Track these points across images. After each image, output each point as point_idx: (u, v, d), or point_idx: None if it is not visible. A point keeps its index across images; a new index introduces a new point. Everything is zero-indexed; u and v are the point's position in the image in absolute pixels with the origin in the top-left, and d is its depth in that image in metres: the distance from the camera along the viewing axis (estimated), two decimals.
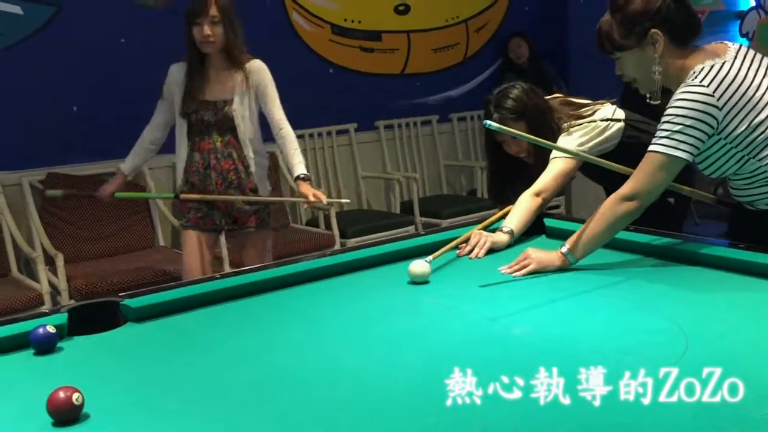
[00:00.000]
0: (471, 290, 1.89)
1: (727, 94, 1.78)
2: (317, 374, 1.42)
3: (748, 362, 1.34)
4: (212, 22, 2.79)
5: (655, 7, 1.84)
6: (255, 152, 2.96)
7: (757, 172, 1.88)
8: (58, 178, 3.78)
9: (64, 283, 3.39)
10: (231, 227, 3.03)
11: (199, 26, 2.79)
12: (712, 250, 1.91)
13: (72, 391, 1.25)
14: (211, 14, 2.78)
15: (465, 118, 5.42)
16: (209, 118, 2.88)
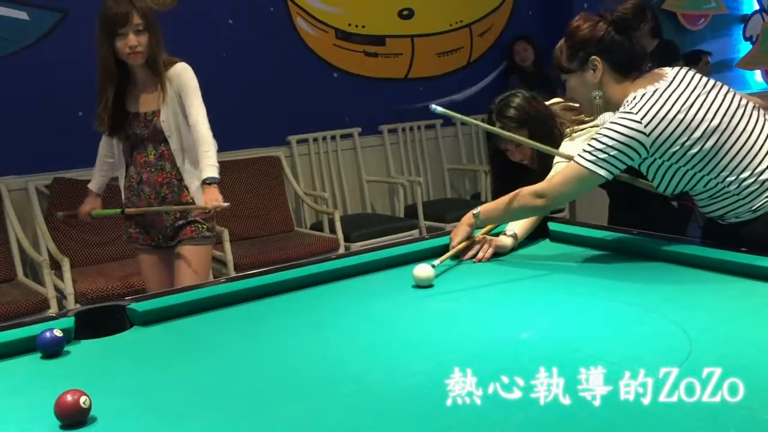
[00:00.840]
0: (476, 294, 1.89)
1: (656, 120, 1.87)
2: (321, 378, 1.43)
3: (752, 366, 1.34)
4: (137, 31, 2.59)
5: (598, 36, 1.97)
6: (191, 163, 2.72)
7: (710, 186, 1.93)
8: (64, 183, 3.80)
9: (70, 287, 3.41)
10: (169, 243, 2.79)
11: (123, 37, 2.58)
12: (714, 254, 1.91)
13: (79, 395, 1.26)
14: (135, 23, 2.59)
15: None
16: (141, 131, 2.71)
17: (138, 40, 2.59)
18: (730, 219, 1.97)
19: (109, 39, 2.60)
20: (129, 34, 2.58)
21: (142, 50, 2.61)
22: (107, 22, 2.60)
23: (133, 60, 2.63)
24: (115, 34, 2.58)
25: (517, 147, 2.43)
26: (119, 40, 2.59)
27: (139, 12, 2.60)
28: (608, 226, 2.37)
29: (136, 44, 2.59)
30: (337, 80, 4.87)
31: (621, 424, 1.16)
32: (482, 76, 5.50)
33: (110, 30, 2.59)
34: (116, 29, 2.57)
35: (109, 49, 2.61)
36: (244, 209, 4.36)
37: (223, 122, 4.35)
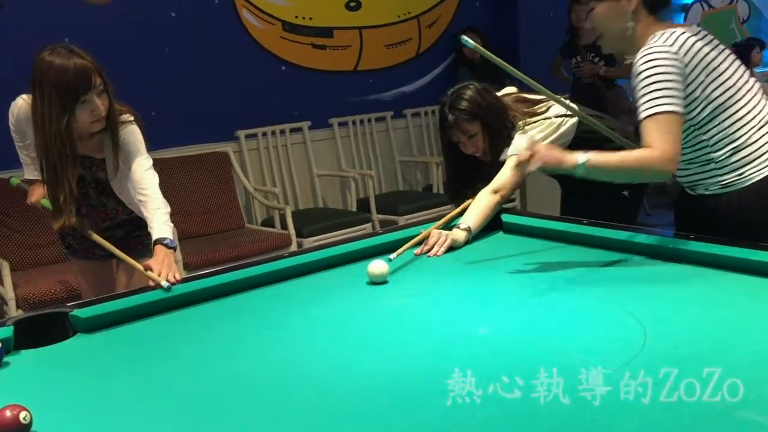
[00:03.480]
0: (431, 290, 1.88)
1: (689, 55, 1.84)
2: (275, 381, 1.39)
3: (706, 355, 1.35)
4: (99, 92, 2.13)
5: None
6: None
7: (698, 147, 1.93)
8: (3, 184, 3.65)
9: (11, 292, 3.28)
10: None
11: (86, 105, 2.11)
12: (665, 242, 1.94)
13: (19, 410, 1.20)
14: (96, 84, 2.11)
15: (419, 114, 5.42)
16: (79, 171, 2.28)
17: (103, 104, 2.15)
18: (699, 190, 1.99)
19: (67, 111, 2.09)
20: (93, 99, 2.11)
21: (104, 114, 2.17)
22: (65, 89, 2.07)
23: (96, 127, 2.18)
24: (77, 102, 2.10)
25: (469, 139, 2.42)
26: (81, 110, 2.11)
27: (95, 67, 2.12)
28: (560, 217, 2.39)
29: (102, 109, 2.14)
30: (285, 73, 4.81)
31: (582, 420, 1.15)
32: (431, 67, 5.50)
33: (70, 99, 2.08)
34: (78, 97, 2.09)
35: (69, 124, 2.11)
36: (192, 206, 4.27)
37: (169, 118, 4.28)
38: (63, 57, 2.07)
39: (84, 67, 2.08)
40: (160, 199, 2.20)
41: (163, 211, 2.18)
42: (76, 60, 2.08)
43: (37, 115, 2.13)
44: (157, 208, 2.17)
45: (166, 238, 2.10)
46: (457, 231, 2.21)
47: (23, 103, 2.27)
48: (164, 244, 2.08)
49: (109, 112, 2.18)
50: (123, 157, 2.26)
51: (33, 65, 2.11)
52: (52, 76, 2.07)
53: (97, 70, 2.12)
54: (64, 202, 2.21)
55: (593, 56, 5.04)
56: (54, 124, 2.10)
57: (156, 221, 2.15)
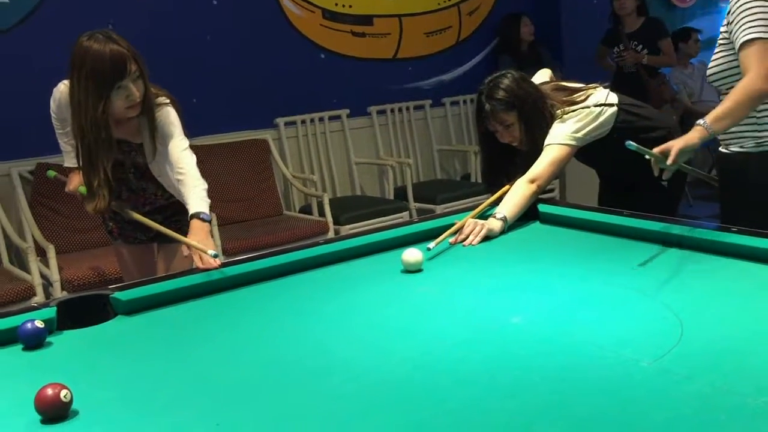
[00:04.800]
0: (465, 279, 1.87)
1: None
2: (310, 366, 1.41)
3: (742, 350, 1.33)
4: (134, 78, 2.15)
5: None
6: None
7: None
8: (48, 168, 3.73)
9: (56, 274, 3.37)
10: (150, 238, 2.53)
11: (122, 90, 2.13)
12: (705, 234, 1.89)
13: (60, 388, 1.24)
14: (132, 70, 2.14)
15: (458, 102, 5.39)
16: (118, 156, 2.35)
17: (138, 90, 2.17)
18: (734, 147, 1.98)
19: (103, 97, 2.12)
20: (129, 86, 2.15)
21: (141, 100, 2.19)
22: (101, 75, 2.10)
23: (131, 113, 2.22)
24: (112, 89, 2.13)
25: (505, 129, 2.40)
26: (117, 96, 2.14)
27: (131, 54, 2.14)
28: (599, 207, 2.35)
29: (138, 95, 2.17)
30: (325, 61, 4.81)
31: (610, 410, 1.14)
32: (471, 55, 5.45)
33: (106, 85, 2.11)
34: (114, 83, 2.12)
35: (105, 110, 2.14)
36: (231, 193, 4.32)
37: (210, 105, 4.33)
38: (100, 43, 2.11)
39: (120, 53, 2.11)
40: (197, 176, 2.23)
41: (200, 188, 2.20)
42: (112, 46, 2.11)
43: (74, 99, 2.17)
44: (194, 186, 2.20)
45: (201, 212, 2.13)
46: (493, 220, 2.20)
47: (64, 88, 2.32)
48: (200, 218, 2.11)
49: (145, 98, 2.21)
50: (160, 139, 2.29)
51: (72, 50, 2.15)
52: (89, 62, 2.10)
53: (133, 57, 2.14)
54: (98, 186, 2.26)
55: (636, 44, 4.94)
56: (90, 109, 2.13)
57: (192, 197, 2.18)
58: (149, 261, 2.58)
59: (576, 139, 2.34)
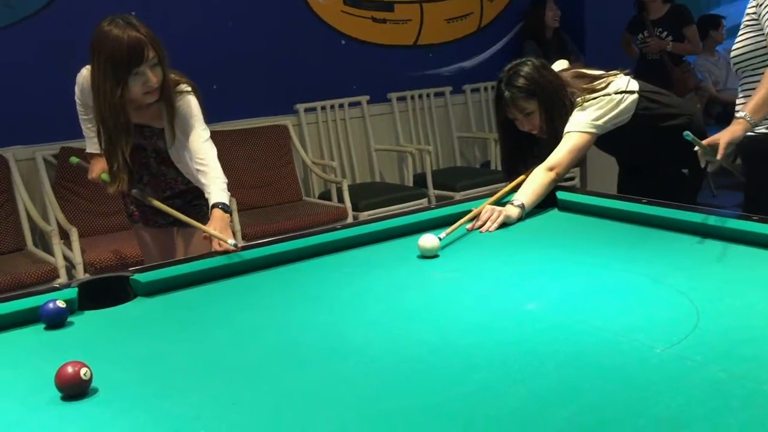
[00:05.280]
0: (481, 265, 1.87)
1: None
2: (325, 349, 1.42)
3: (760, 338, 1.32)
4: (152, 65, 2.17)
5: None
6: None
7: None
8: (71, 153, 3.78)
9: (79, 257, 3.42)
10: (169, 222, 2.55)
11: (139, 76, 2.15)
12: (724, 222, 1.88)
13: (80, 366, 1.26)
14: (150, 56, 2.16)
15: (478, 90, 5.36)
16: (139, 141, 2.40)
17: (156, 76, 2.19)
18: (761, 129, 1.98)
19: (121, 82, 2.15)
20: (146, 72, 2.17)
21: (159, 86, 2.21)
22: (118, 61, 2.12)
23: (149, 99, 2.23)
24: (129, 74, 2.16)
25: (525, 117, 2.39)
26: (134, 82, 2.17)
27: (149, 40, 2.16)
28: (617, 195, 2.34)
29: (155, 81, 2.19)
30: (345, 47, 4.81)
31: (623, 396, 1.14)
32: (492, 42, 5.41)
33: (123, 70, 2.14)
34: (131, 69, 2.14)
35: (122, 95, 2.17)
36: (251, 179, 4.35)
37: (231, 91, 4.35)
38: (120, 28, 2.13)
39: (138, 39, 2.12)
40: (218, 170, 2.25)
41: (221, 180, 2.22)
42: (131, 32, 2.12)
43: (95, 84, 2.20)
44: (216, 177, 2.23)
45: (222, 202, 2.15)
46: (511, 207, 2.20)
47: (86, 72, 2.35)
48: (221, 208, 2.13)
49: (164, 85, 2.22)
50: (181, 127, 2.31)
51: (93, 34, 2.18)
52: (107, 47, 2.13)
53: (151, 43, 2.15)
54: (118, 170, 2.30)
55: (661, 31, 4.88)
56: (108, 94, 2.16)
57: (213, 188, 2.20)
58: (169, 244, 2.61)
59: (596, 127, 2.32)
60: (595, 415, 1.10)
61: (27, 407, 1.25)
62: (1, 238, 3.64)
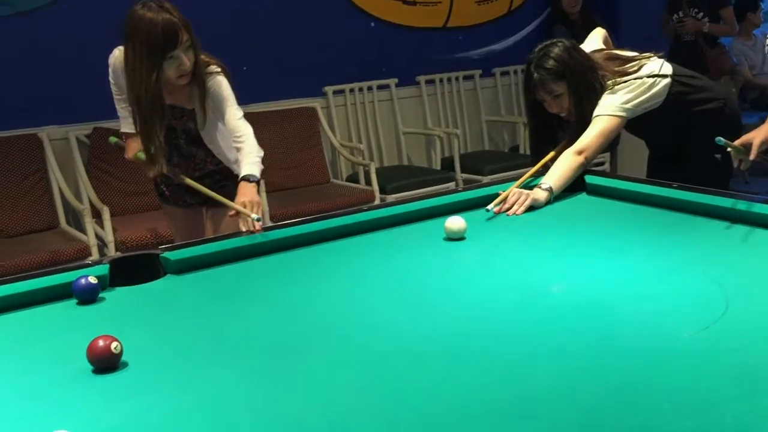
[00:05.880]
0: (507, 248, 1.87)
1: None
2: (351, 328, 1.43)
3: None
4: (186, 48, 2.18)
5: None
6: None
7: None
8: (104, 133, 3.84)
9: (111, 235, 3.48)
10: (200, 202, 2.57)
11: (173, 60, 2.17)
12: (756, 208, 1.85)
13: (111, 340, 1.29)
14: (183, 40, 2.16)
15: (508, 73, 5.31)
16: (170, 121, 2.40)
17: (189, 59, 2.20)
18: None
19: (156, 66, 2.17)
20: (180, 55, 2.18)
21: (191, 70, 2.23)
22: (153, 45, 2.14)
23: (182, 81, 2.25)
24: (164, 58, 2.17)
25: (554, 99, 2.36)
26: (168, 65, 2.18)
27: (182, 24, 2.17)
28: (647, 180, 2.31)
29: (189, 65, 2.20)
30: (374, 30, 4.79)
31: (647, 379, 1.14)
32: (523, 25, 5.35)
33: (158, 54, 2.15)
34: (166, 53, 2.16)
35: (158, 79, 2.19)
36: (280, 160, 4.37)
37: (260, 73, 4.37)
38: (153, 12, 2.15)
39: (172, 23, 2.14)
40: (255, 144, 2.27)
41: (255, 153, 2.25)
42: (164, 15, 2.14)
43: (129, 67, 2.22)
44: (250, 152, 2.25)
45: (250, 174, 2.17)
46: (538, 191, 2.18)
47: (118, 53, 2.37)
48: (248, 180, 2.16)
49: (196, 67, 2.24)
50: (213, 108, 2.34)
51: (126, 18, 2.20)
52: (142, 31, 2.14)
53: (184, 26, 2.17)
54: (156, 152, 2.34)
55: (696, 11, 4.78)
56: (144, 78, 2.18)
57: (246, 161, 2.23)
58: (198, 223, 2.64)
59: (626, 111, 2.29)
60: (618, 397, 1.09)
61: (60, 379, 1.28)
62: (35, 216, 3.72)
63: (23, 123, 3.78)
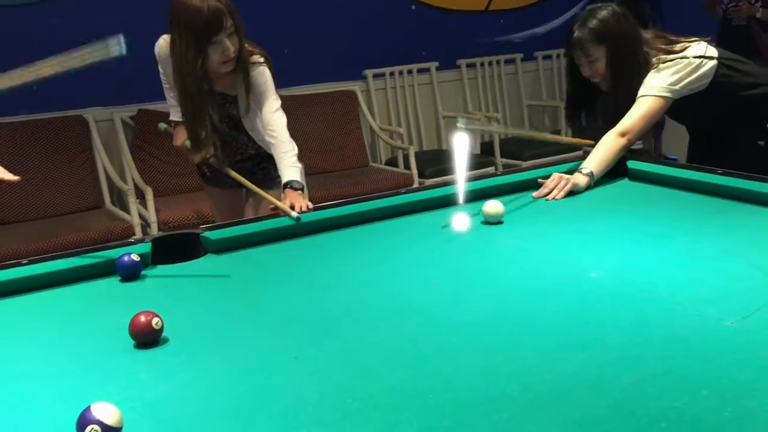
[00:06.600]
0: (546, 232, 1.85)
1: None
2: (386, 309, 1.44)
3: None
4: (230, 34, 2.18)
5: None
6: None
7: None
8: (148, 114, 3.91)
9: (154, 215, 3.55)
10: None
11: (217, 45, 2.17)
12: None
13: (152, 316, 1.32)
14: (227, 25, 2.17)
15: (551, 56, 5.24)
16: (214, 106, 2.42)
17: (233, 45, 2.20)
18: None
19: (201, 52, 2.17)
20: (224, 41, 2.17)
21: (236, 56, 2.22)
22: (197, 30, 2.14)
23: (226, 68, 2.25)
24: (209, 43, 2.17)
25: (589, 63, 2.29)
26: (213, 50, 2.18)
27: (227, 9, 2.17)
28: (692, 165, 2.26)
29: (232, 50, 2.20)
30: (415, 13, 4.77)
31: (687, 367, 1.12)
32: (566, 8, 5.26)
33: (203, 40, 2.15)
34: (210, 38, 2.16)
35: (203, 64, 2.19)
36: (319, 144, 4.39)
37: (300, 56, 4.39)
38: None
39: (216, 8, 2.14)
40: (288, 140, 2.28)
41: (290, 153, 2.26)
42: (209, 2, 2.15)
43: (175, 54, 2.24)
44: (285, 152, 2.26)
45: (293, 180, 2.20)
46: (579, 175, 2.15)
47: (163, 42, 2.40)
48: (292, 187, 2.17)
49: (240, 54, 2.23)
50: (254, 97, 2.36)
51: (171, 4, 2.22)
52: (186, 16, 2.15)
53: (228, 12, 2.17)
54: (205, 137, 2.36)
55: None
56: (189, 63, 2.19)
57: (284, 164, 2.25)
58: (238, 204, 2.68)
59: (671, 92, 2.23)
60: (656, 384, 1.08)
61: (103, 352, 1.32)
62: (81, 196, 3.81)
63: (70, 105, 3.88)
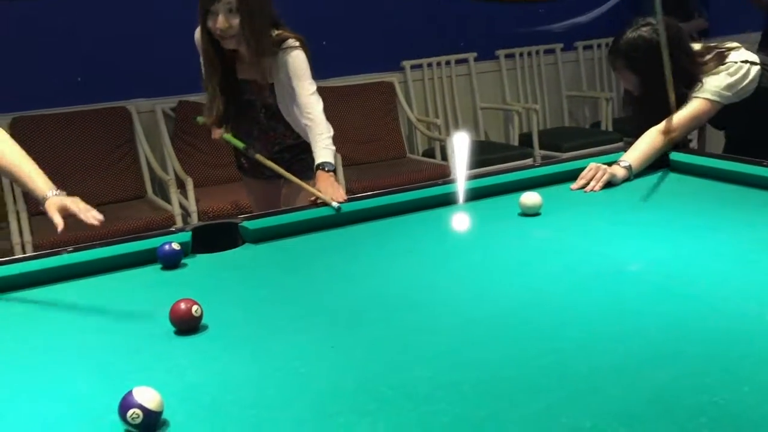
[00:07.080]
0: (584, 224, 1.84)
1: None
2: (421, 300, 1.45)
3: None
4: (228, 10, 2.24)
5: None
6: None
7: None
8: (189, 106, 3.97)
9: (194, 205, 3.60)
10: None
11: (213, 15, 2.25)
12: None
13: (192, 304, 1.35)
14: (225, 1, 2.23)
15: (591, 47, 5.16)
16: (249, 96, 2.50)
17: (229, 22, 2.25)
18: None
19: (202, 18, 2.30)
20: (218, 13, 2.25)
21: (233, 33, 2.28)
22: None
23: (224, 44, 2.33)
24: (206, 11, 2.27)
25: (623, 78, 2.30)
26: (210, 19, 2.28)
27: None
28: (737, 157, 2.20)
29: (225, 26, 2.25)
30: (453, 3, 4.74)
31: (726, 361, 1.10)
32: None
33: (203, 9, 2.28)
34: (207, 6, 2.26)
35: (207, 31, 2.32)
36: (357, 134, 4.40)
37: (339, 48, 4.40)
38: None
39: None
40: (323, 123, 2.31)
41: (325, 135, 2.29)
42: None
43: None
44: (320, 134, 2.30)
45: (325, 163, 2.23)
46: (617, 167, 2.12)
47: (197, 34, 2.47)
48: (324, 169, 2.21)
49: (252, 36, 2.27)
50: (289, 81, 2.38)
51: None
52: None
53: None
54: (211, 101, 2.46)
55: None
56: (201, 28, 2.33)
57: (318, 146, 2.28)
58: (275, 195, 2.70)
59: (722, 96, 2.19)
60: (695, 379, 1.06)
61: (144, 338, 1.35)
62: (124, 185, 3.88)
63: (113, 96, 3.95)
